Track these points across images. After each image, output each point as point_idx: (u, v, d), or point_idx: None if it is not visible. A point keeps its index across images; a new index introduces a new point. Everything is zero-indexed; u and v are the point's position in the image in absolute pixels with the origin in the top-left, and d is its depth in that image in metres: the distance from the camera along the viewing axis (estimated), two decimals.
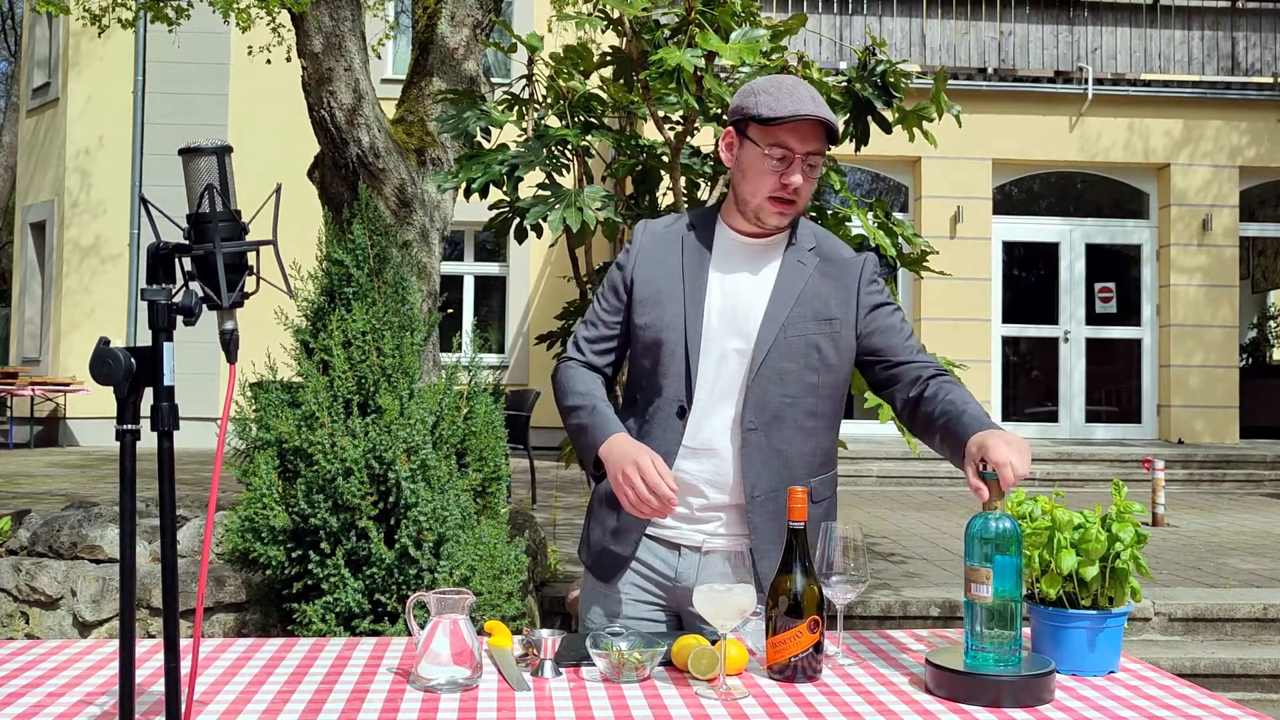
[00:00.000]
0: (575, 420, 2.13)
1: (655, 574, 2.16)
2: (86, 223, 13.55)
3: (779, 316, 2.09)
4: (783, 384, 2.09)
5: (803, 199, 2.10)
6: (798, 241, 2.17)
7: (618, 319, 2.20)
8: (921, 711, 1.65)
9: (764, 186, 2.07)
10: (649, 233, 2.22)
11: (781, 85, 2.06)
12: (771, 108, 2.03)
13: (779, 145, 2.04)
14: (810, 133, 2.04)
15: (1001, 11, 12.73)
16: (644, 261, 2.18)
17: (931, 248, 4.04)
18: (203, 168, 1.45)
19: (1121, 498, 1.92)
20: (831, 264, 2.16)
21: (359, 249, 4.15)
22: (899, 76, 3.93)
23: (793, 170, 2.05)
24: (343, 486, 3.78)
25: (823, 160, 2.10)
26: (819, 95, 2.07)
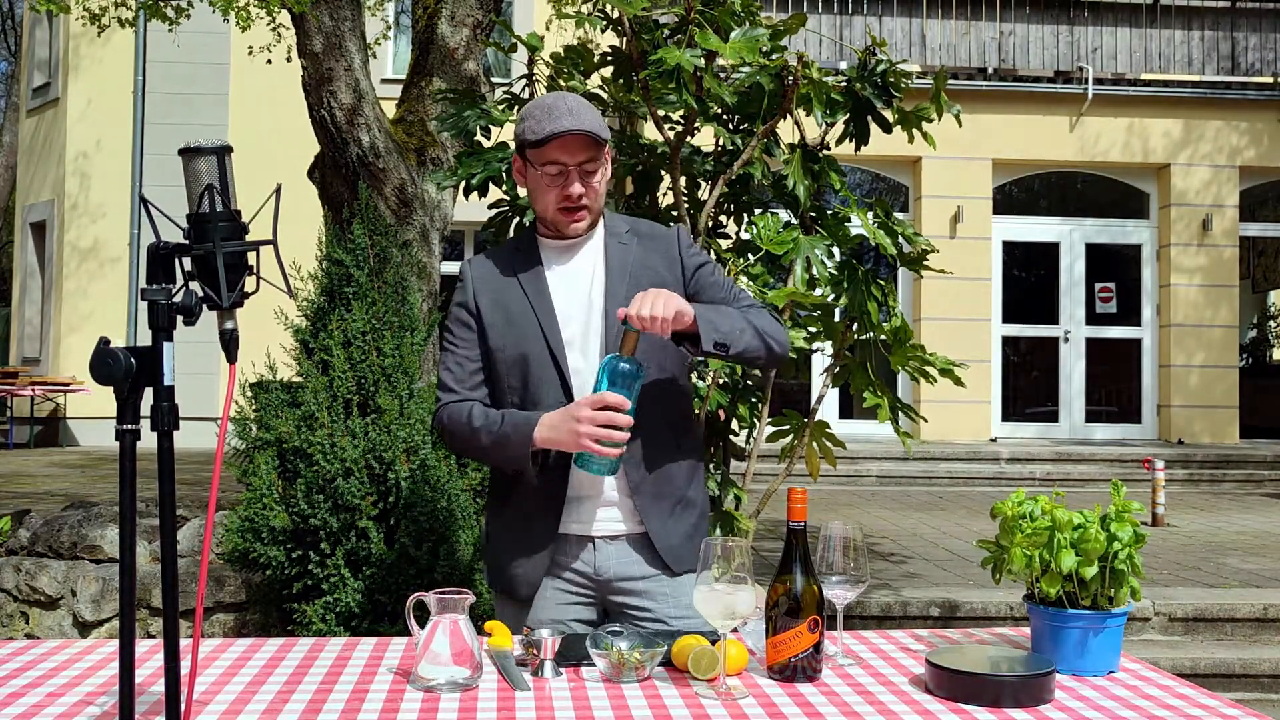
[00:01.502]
0: (491, 438, 2.17)
1: (575, 573, 2.22)
2: (86, 225, 13.55)
3: (619, 290, 2.20)
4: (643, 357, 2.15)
5: (593, 202, 2.22)
6: (611, 228, 2.31)
7: (476, 350, 2.26)
8: (921, 711, 1.65)
9: (551, 201, 2.20)
10: (477, 267, 2.33)
11: (544, 106, 2.18)
12: (534, 131, 2.15)
13: (551, 162, 2.17)
14: (576, 144, 2.15)
15: (1001, 11, 12.73)
16: (482, 289, 2.28)
17: (932, 246, 4.03)
18: (203, 168, 1.45)
19: (1120, 497, 1.92)
20: (650, 239, 2.30)
21: (359, 249, 4.15)
22: (899, 76, 3.93)
23: (570, 182, 2.18)
24: (343, 486, 3.78)
25: (603, 163, 2.21)
26: (582, 104, 2.18)
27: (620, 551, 2.21)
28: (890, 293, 3.99)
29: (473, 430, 2.18)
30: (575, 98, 2.20)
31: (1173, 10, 12.86)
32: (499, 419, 2.16)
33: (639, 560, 2.21)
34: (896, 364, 3.97)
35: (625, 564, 2.21)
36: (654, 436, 2.20)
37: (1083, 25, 12.83)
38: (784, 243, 3.74)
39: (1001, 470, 10.71)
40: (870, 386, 4.00)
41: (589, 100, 4.16)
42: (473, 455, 2.29)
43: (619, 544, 2.21)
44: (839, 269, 3.94)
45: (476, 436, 2.18)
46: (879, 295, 3.91)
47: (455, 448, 2.29)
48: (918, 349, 3.91)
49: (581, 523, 2.21)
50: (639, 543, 2.21)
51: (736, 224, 4.23)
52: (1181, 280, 12.56)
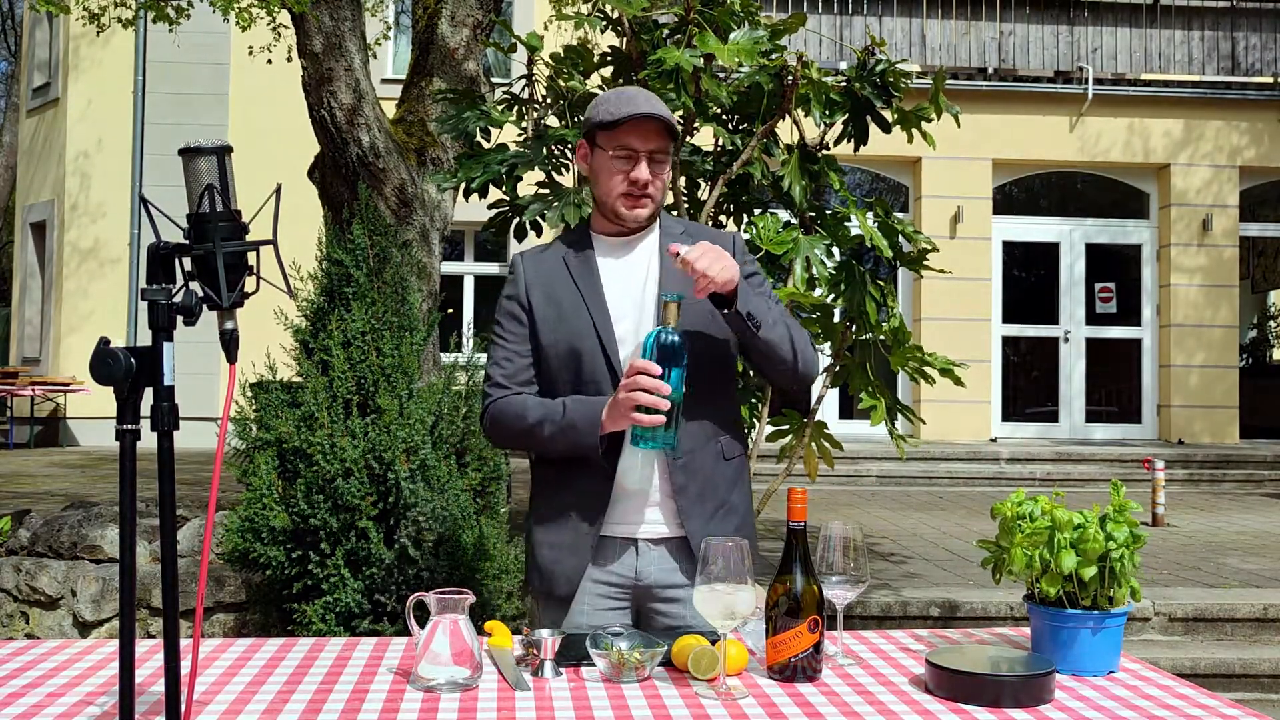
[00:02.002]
0: (555, 428, 2.16)
1: (616, 575, 2.21)
2: (86, 226, 13.55)
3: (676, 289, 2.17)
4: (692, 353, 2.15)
5: (656, 193, 2.22)
6: (666, 228, 2.30)
7: (527, 345, 2.26)
8: (921, 711, 1.65)
9: (616, 186, 2.20)
10: (529, 260, 2.31)
11: (621, 94, 2.22)
12: (611, 112, 2.17)
13: (622, 146, 2.18)
14: (650, 131, 2.17)
15: (1001, 11, 12.73)
16: (534, 285, 2.27)
17: (932, 244, 4.03)
18: (203, 168, 1.45)
19: (1119, 497, 1.92)
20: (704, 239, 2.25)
21: (359, 249, 4.15)
22: (898, 76, 3.93)
23: (639, 167, 2.18)
24: (342, 487, 3.78)
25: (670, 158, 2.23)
26: (657, 99, 2.22)
27: (661, 558, 2.20)
28: (889, 293, 3.99)
29: (530, 424, 2.17)
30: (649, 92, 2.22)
31: (1173, 10, 12.86)
32: (561, 409, 2.15)
33: (676, 568, 2.20)
34: (896, 365, 3.97)
35: (666, 571, 2.20)
36: (699, 439, 2.20)
37: (1083, 25, 12.83)
38: (783, 243, 3.74)
39: (1001, 470, 10.71)
40: (869, 387, 4.00)
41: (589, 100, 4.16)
42: (524, 446, 2.27)
43: (660, 550, 2.20)
44: (838, 269, 3.94)
45: (536, 429, 2.17)
46: (878, 295, 3.91)
47: (504, 441, 2.28)
48: (916, 349, 3.91)
49: (626, 524, 2.20)
50: (680, 550, 2.20)
51: (736, 224, 4.23)
52: (1181, 280, 12.56)
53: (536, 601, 2.31)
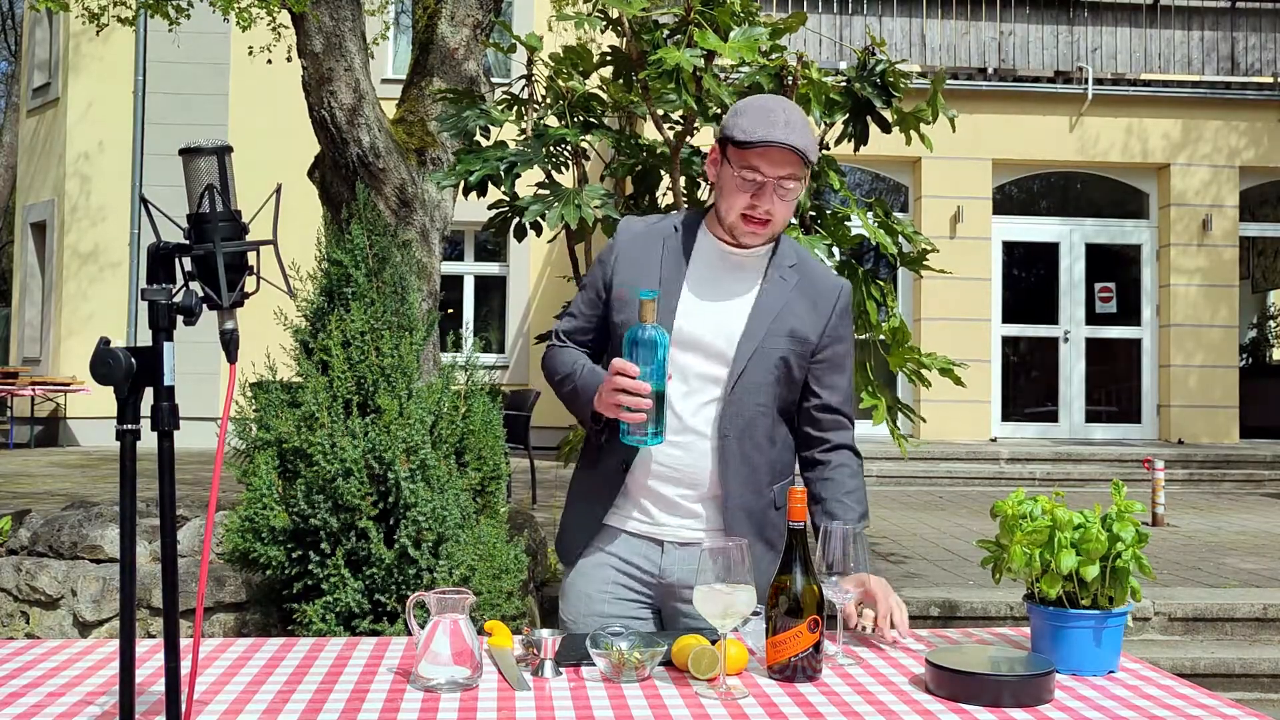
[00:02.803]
0: (568, 388, 2.21)
1: (640, 571, 2.20)
2: (86, 225, 13.55)
3: (758, 332, 2.14)
4: (757, 395, 2.15)
5: (777, 221, 2.13)
6: (779, 258, 2.20)
7: (595, 313, 2.25)
8: (921, 711, 1.65)
9: (737, 205, 2.11)
10: (629, 231, 2.26)
11: (762, 108, 2.08)
12: (745, 131, 2.06)
13: (750, 169, 2.07)
14: (782, 159, 2.06)
15: (1001, 11, 12.73)
16: (623, 260, 2.22)
17: (932, 245, 4.03)
18: (203, 168, 1.45)
19: (1121, 497, 1.92)
20: (811, 285, 2.21)
21: (358, 249, 4.15)
22: (898, 76, 3.93)
23: (763, 194, 2.08)
24: (342, 487, 3.77)
25: (801, 182, 2.12)
26: (800, 119, 2.09)
27: (688, 558, 2.16)
28: (889, 293, 3.99)
29: (558, 378, 2.23)
30: (796, 109, 2.11)
31: (1173, 10, 12.86)
32: (578, 372, 2.17)
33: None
34: (895, 365, 3.97)
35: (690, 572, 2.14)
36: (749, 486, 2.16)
37: (1083, 25, 12.83)
38: None
39: (1001, 470, 10.71)
40: (869, 387, 4.00)
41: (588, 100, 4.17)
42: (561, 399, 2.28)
43: (688, 551, 2.16)
44: (838, 269, 3.94)
45: (558, 387, 2.23)
46: (878, 295, 3.91)
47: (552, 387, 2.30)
48: (914, 350, 3.91)
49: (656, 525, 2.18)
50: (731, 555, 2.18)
51: None
52: (1181, 280, 12.56)
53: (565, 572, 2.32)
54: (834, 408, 2.23)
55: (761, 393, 2.15)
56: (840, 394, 2.24)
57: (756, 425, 2.15)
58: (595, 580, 2.21)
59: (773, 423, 2.18)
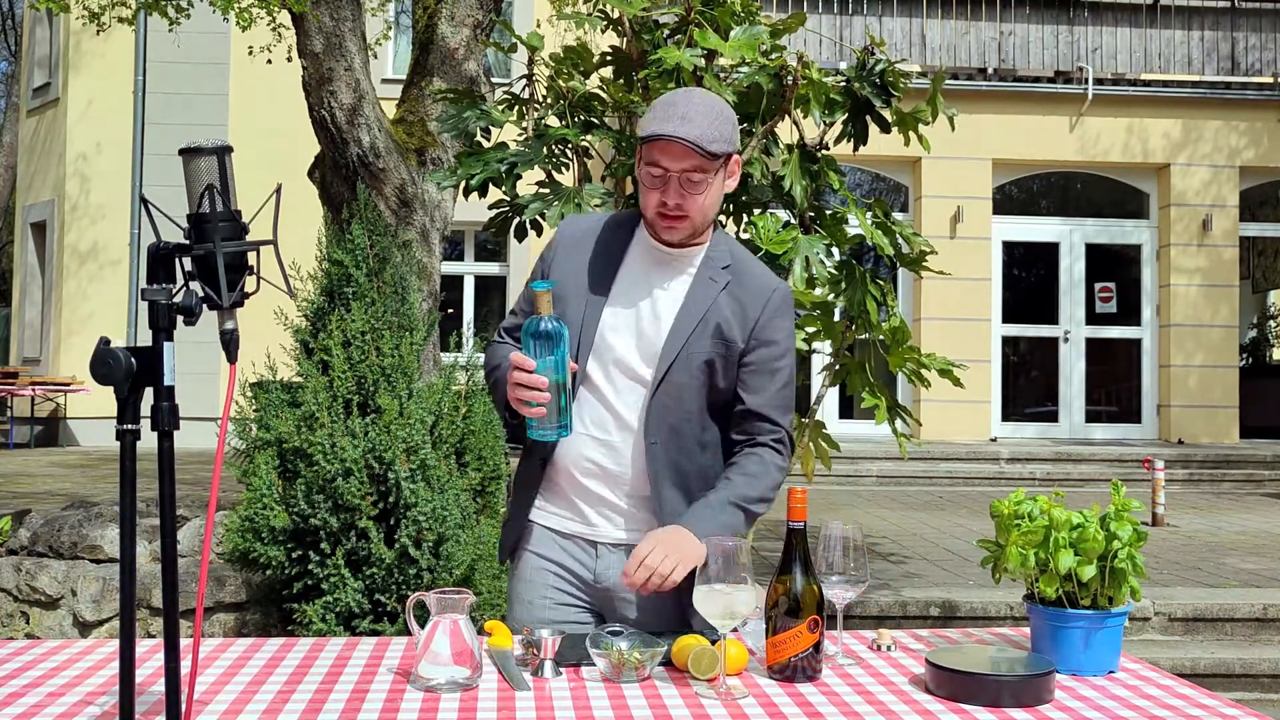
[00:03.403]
0: (490, 383, 2.22)
1: (574, 576, 2.18)
2: (86, 225, 13.55)
3: (684, 333, 2.09)
4: (681, 399, 2.10)
5: (694, 215, 2.07)
6: (713, 258, 2.15)
7: None
8: (921, 711, 1.65)
9: (649, 203, 2.08)
10: (569, 229, 2.23)
11: (666, 102, 2.05)
12: (644, 126, 2.03)
13: (652, 164, 2.04)
14: (680, 152, 2.01)
15: (1001, 11, 12.73)
16: (560, 259, 2.19)
17: (931, 247, 4.04)
18: (203, 168, 1.45)
19: (1120, 497, 1.92)
20: (742, 288, 2.14)
21: (359, 249, 4.15)
22: (898, 76, 3.93)
23: (669, 189, 2.04)
24: (343, 486, 3.77)
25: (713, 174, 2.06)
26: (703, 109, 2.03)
27: (623, 561, 2.12)
28: (889, 292, 3.99)
29: (486, 373, 2.24)
30: (703, 98, 2.05)
31: (1173, 10, 12.86)
32: (502, 365, 2.12)
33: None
34: (894, 365, 3.97)
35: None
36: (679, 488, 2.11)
37: (1083, 25, 12.83)
38: (783, 243, 3.74)
39: (1001, 470, 10.71)
40: (869, 386, 4.00)
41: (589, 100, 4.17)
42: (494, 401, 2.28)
43: (620, 554, 2.13)
44: (838, 269, 3.94)
45: (487, 379, 2.23)
46: (878, 295, 3.91)
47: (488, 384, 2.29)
48: (914, 350, 3.91)
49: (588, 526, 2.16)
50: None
51: (736, 224, 4.23)
52: (1181, 280, 12.56)
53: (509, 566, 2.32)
54: (758, 413, 2.13)
55: (687, 396, 2.10)
56: (767, 399, 2.13)
57: (683, 429, 2.11)
58: (536, 586, 2.18)
59: (701, 428, 2.12)
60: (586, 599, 2.18)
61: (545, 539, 2.20)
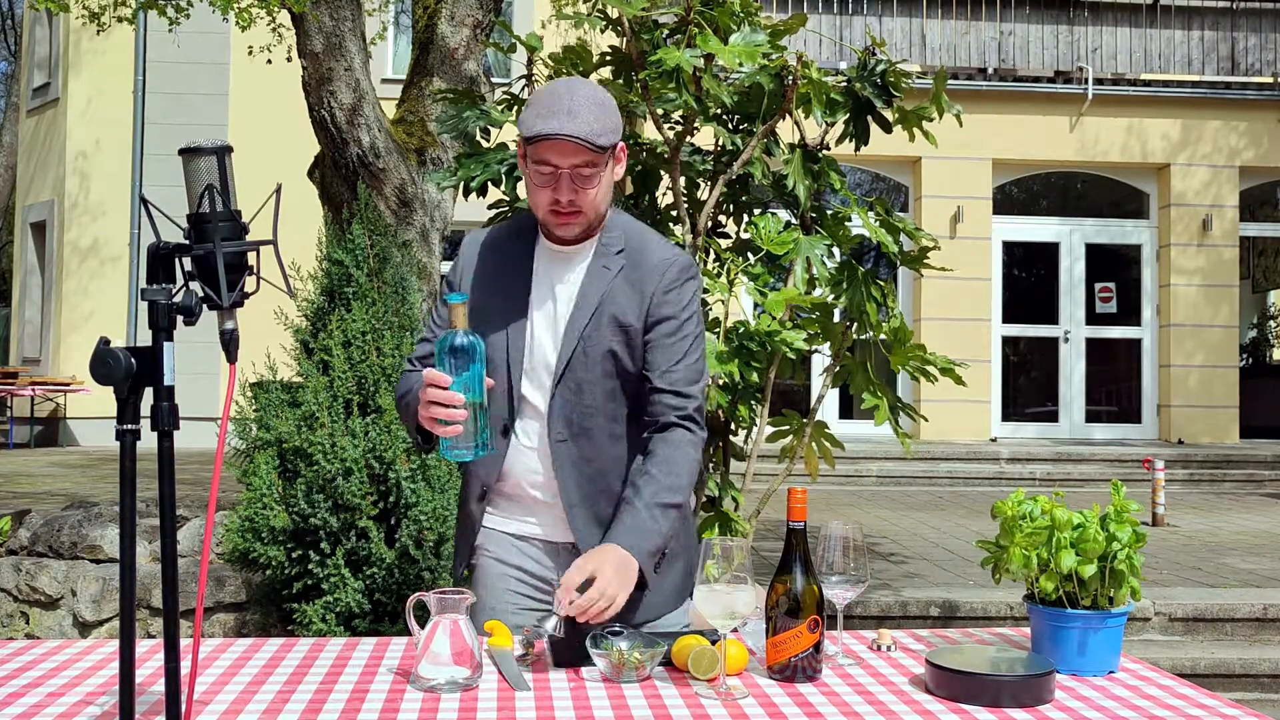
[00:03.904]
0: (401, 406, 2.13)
1: (534, 576, 2.17)
2: (86, 225, 13.55)
3: (579, 326, 2.07)
4: (581, 394, 2.07)
5: (587, 209, 2.04)
6: (606, 245, 2.12)
7: None
8: (921, 711, 1.65)
9: (541, 201, 2.04)
10: (471, 245, 2.19)
11: (549, 95, 2.00)
12: (528, 125, 1.98)
13: (541, 162, 2.00)
14: (570, 149, 1.97)
15: (1001, 11, 12.73)
16: (468, 274, 2.16)
17: (934, 242, 4.03)
18: (203, 168, 1.45)
19: (1120, 497, 1.92)
20: (636, 269, 2.10)
21: (359, 249, 4.15)
22: (899, 76, 3.92)
23: (561, 186, 2.00)
24: (343, 486, 3.77)
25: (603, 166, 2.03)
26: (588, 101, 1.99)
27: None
28: (890, 293, 3.99)
29: (398, 398, 2.15)
30: (585, 91, 2.01)
31: (1173, 10, 12.86)
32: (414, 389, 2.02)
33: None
34: (896, 364, 3.97)
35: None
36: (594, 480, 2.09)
37: (1083, 25, 12.83)
38: (784, 243, 3.74)
39: (1001, 470, 10.71)
40: (870, 387, 4.00)
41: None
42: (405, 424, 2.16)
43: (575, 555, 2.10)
44: (839, 269, 3.94)
45: (400, 407, 2.14)
46: (879, 296, 3.91)
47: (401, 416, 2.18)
48: (918, 348, 3.91)
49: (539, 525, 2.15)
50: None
51: (736, 224, 4.23)
52: (1181, 280, 12.56)
53: None
54: (661, 388, 2.07)
55: (591, 391, 2.07)
56: (670, 373, 2.07)
57: (591, 426, 2.07)
58: (497, 592, 2.17)
59: (611, 420, 2.09)
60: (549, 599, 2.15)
61: (503, 543, 2.18)
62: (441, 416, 1.88)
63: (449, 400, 1.87)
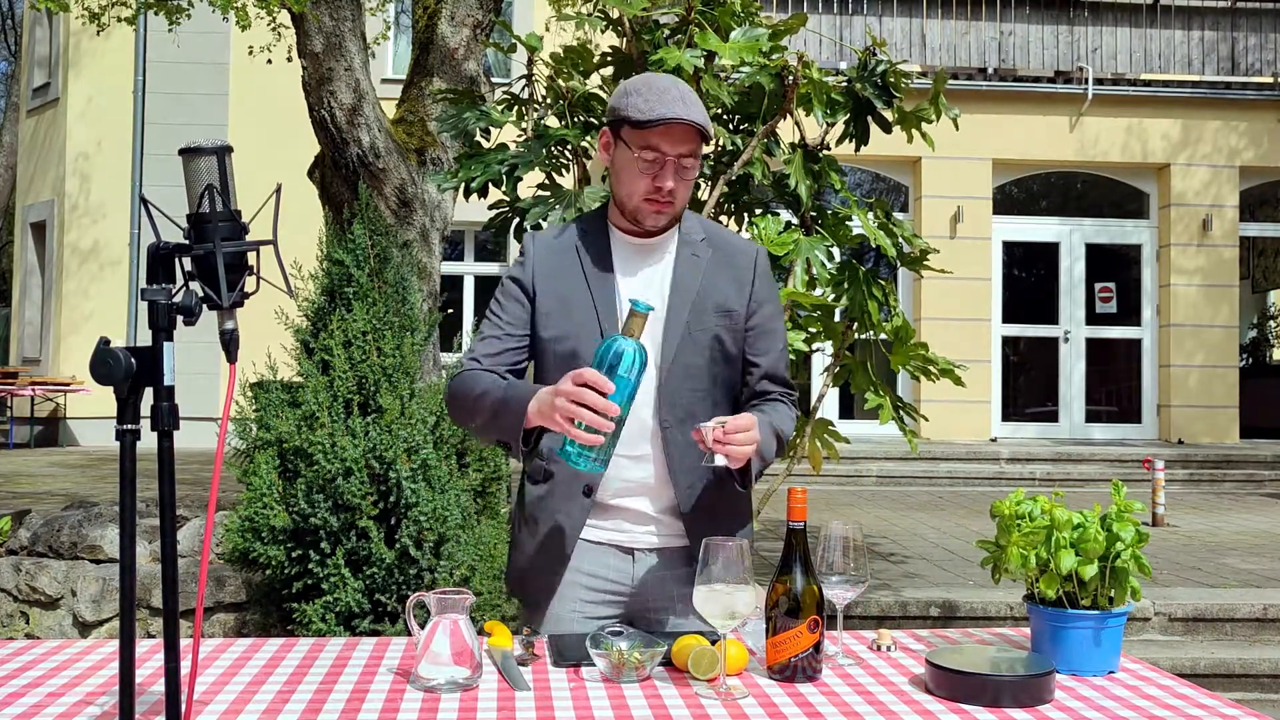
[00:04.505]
0: (488, 401, 2.02)
1: (610, 582, 2.14)
2: (86, 226, 13.55)
3: (683, 314, 2.09)
4: (691, 379, 2.10)
5: (679, 200, 2.09)
6: (687, 234, 2.16)
7: (524, 331, 2.13)
8: (921, 711, 1.65)
9: (639, 189, 2.06)
10: (541, 244, 2.18)
11: (653, 86, 2.04)
12: (641, 110, 2.01)
13: (650, 148, 2.02)
14: (681, 135, 2.02)
15: (1001, 11, 12.73)
16: (542, 273, 2.14)
17: (932, 247, 4.04)
18: (203, 168, 1.45)
19: (1121, 497, 1.92)
20: (725, 254, 2.16)
21: (359, 249, 4.15)
22: (899, 76, 3.93)
23: (665, 173, 2.04)
24: (343, 486, 3.77)
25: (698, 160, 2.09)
26: (692, 95, 2.05)
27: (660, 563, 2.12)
28: (890, 292, 3.99)
29: (476, 397, 2.03)
30: (684, 85, 2.06)
31: (1173, 10, 12.86)
32: (504, 386, 2.01)
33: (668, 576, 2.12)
34: (897, 363, 3.97)
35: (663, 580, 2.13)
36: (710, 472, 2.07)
37: (1083, 25, 12.83)
38: (784, 244, 3.74)
39: (1001, 470, 10.71)
40: (871, 386, 4.00)
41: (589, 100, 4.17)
42: (471, 425, 2.09)
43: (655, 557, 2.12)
44: (839, 269, 3.94)
45: (479, 404, 2.03)
46: (880, 296, 3.91)
47: (456, 417, 2.12)
48: (920, 346, 3.91)
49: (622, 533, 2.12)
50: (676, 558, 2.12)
51: (737, 224, 4.23)
52: (1181, 280, 12.56)
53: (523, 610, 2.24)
54: (770, 373, 2.16)
55: (697, 376, 2.09)
56: (775, 358, 2.17)
57: (696, 411, 2.07)
58: (566, 600, 2.13)
59: (713, 404, 2.11)
60: (620, 610, 2.15)
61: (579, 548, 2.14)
62: (591, 424, 1.80)
63: (605, 409, 1.80)
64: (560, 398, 1.83)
